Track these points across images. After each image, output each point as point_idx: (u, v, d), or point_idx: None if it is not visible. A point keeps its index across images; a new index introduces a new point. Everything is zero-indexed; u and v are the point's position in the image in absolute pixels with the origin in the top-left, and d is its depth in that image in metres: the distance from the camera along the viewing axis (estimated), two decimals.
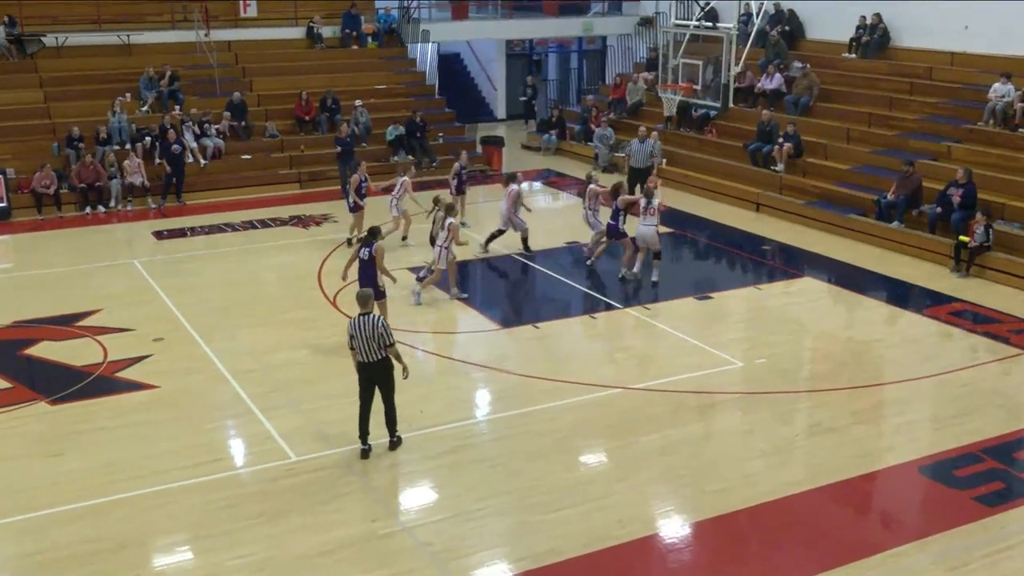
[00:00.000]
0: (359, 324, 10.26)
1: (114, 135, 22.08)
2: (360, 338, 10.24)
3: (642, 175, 20.81)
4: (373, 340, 10.22)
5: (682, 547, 9.22)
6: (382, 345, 10.27)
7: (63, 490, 10.01)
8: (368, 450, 10.64)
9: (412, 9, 28.82)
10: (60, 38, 24.15)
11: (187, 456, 10.68)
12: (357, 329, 10.26)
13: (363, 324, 10.24)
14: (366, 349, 10.27)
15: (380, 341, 10.24)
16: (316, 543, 9.09)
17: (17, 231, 19.87)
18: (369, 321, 10.25)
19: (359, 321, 10.28)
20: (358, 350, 10.32)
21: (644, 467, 10.50)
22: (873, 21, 23.25)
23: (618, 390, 12.33)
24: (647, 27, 30.54)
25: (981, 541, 9.14)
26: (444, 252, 15.30)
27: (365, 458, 10.59)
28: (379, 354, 10.31)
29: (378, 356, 10.32)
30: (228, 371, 12.88)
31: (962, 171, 17.44)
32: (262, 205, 21.57)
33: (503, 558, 8.92)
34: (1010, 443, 11.00)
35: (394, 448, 10.76)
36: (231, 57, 25.72)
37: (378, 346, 10.25)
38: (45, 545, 9.09)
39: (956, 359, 13.35)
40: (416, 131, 24.49)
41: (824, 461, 10.58)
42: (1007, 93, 19.29)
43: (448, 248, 15.28)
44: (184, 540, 9.22)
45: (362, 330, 10.23)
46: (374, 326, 10.22)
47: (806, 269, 17.42)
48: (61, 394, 12.22)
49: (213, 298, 15.74)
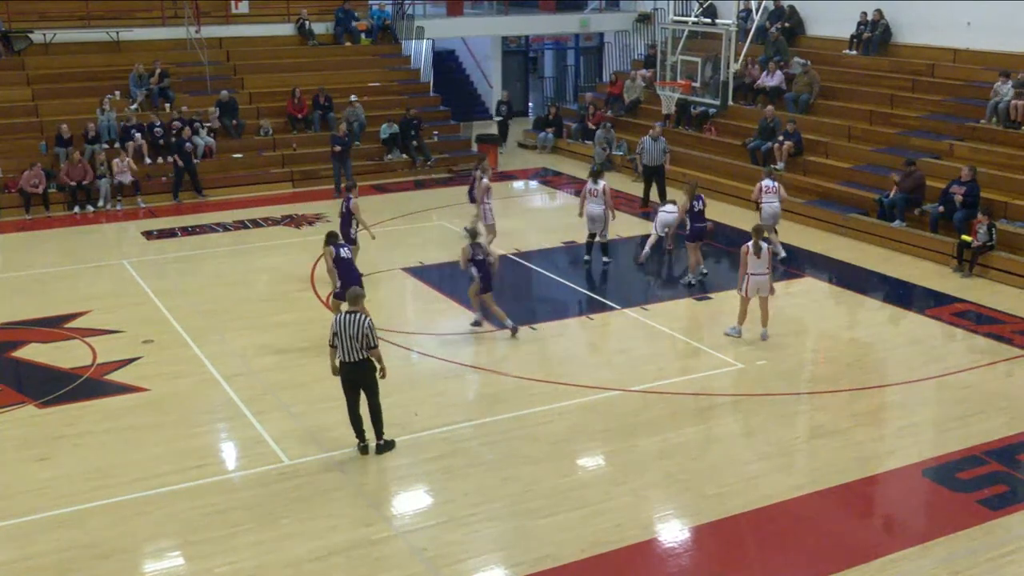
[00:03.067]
0: (344, 322, 10.20)
1: (103, 133, 22.03)
2: (343, 336, 10.17)
3: (655, 173, 21.02)
4: (357, 340, 10.16)
5: (681, 552, 9.18)
6: (365, 346, 10.20)
7: (48, 495, 9.95)
8: (366, 447, 10.65)
9: (406, 5, 28.78)
10: (48, 35, 24.10)
11: (177, 460, 10.63)
12: (341, 327, 10.19)
13: (348, 322, 10.17)
14: (348, 348, 10.20)
15: (364, 342, 10.18)
16: (308, 549, 9.04)
17: (5, 231, 19.80)
18: (356, 320, 10.18)
19: (345, 319, 10.22)
20: (340, 348, 10.25)
21: (642, 471, 10.47)
22: (875, 17, 23.25)
23: (616, 392, 12.30)
24: (645, 23, 30.53)
25: (985, 545, 9.12)
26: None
27: (364, 454, 10.62)
28: (361, 354, 10.25)
29: (360, 356, 10.25)
30: (219, 373, 12.84)
31: (966, 169, 17.43)
32: (254, 204, 21.53)
33: (499, 564, 8.88)
34: (1014, 446, 10.97)
35: (382, 452, 10.69)
36: (222, 54, 25.67)
37: (361, 346, 10.19)
38: (29, 552, 9.03)
39: (959, 360, 13.32)
40: (411, 129, 24.45)
41: (826, 464, 10.55)
42: (1008, 92, 19.28)
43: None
44: (173, 546, 9.16)
45: (346, 328, 10.16)
46: (360, 325, 10.15)
47: (807, 269, 17.40)
48: (49, 397, 12.17)
49: (204, 299, 15.69)
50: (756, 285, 13.61)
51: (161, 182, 22.04)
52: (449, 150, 25.43)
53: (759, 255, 13.46)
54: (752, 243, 13.46)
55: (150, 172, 22.12)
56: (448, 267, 17.17)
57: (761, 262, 13.49)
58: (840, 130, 21.80)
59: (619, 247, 18.67)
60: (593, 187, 16.95)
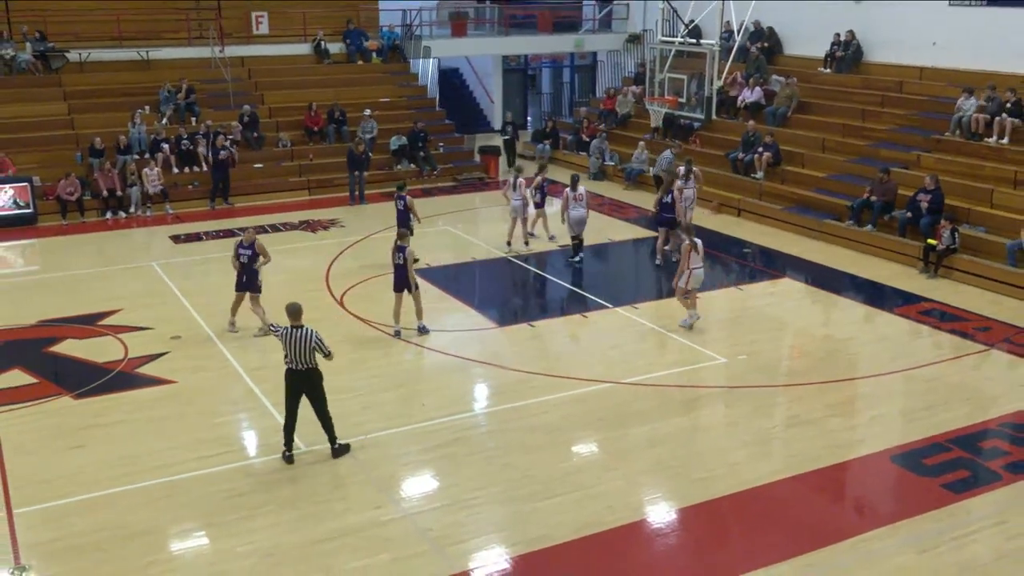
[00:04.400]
0: (290, 336, 9.98)
1: (134, 145, 22.01)
2: (292, 349, 9.96)
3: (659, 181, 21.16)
4: (306, 352, 9.97)
5: (668, 532, 9.16)
6: (312, 356, 10.00)
7: (82, 480, 9.94)
8: (291, 457, 10.24)
9: (414, 27, 28.77)
10: (83, 54, 24.08)
11: (201, 448, 10.61)
12: (288, 340, 9.99)
13: (295, 336, 9.96)
14: (296, 359, 10.00)
15: (312, 354, 9.99)
16: (323, 529, 9.02)
17: (43, 235, 19.78)
18: (304, 334, 9.98)
19: (291, 333, 9.99)
20: (289, 358, 10.03)
21: (633, 457, 10.45)
22: (847, 38, 23.22)
23: (608, 385, 12.27)
24: (635, 43, 30.51)
25: (949, 526, 9.10)
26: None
27: (290, 463, 10.18)
28: (309, 363, 10.04)
29: (307, 365, 10.03)
30: (241, 367, 12.81)
31: (930, 178, 17.41)
32: (273, 211, 21.49)
33: (499, 543, 8.86)
34: (975, 434, 10.96)
35: (338, 455, 10.33)
36: (244, 72, 25.64)
37: (309, 358, 10.01)
38: (65, 532, 9.03)
39: (925, 355, 13.30)
40: (418, 141, 24.43)
41: (801, 451, 10.53)
42: (970, 107, 19.26)
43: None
44: (197, 527, 9.15)
45: (294, 341, 9.95)
46: (308, 339, 9.98)
47: (785, 271, 17.37)
48: (84, 389, 12.15)
49: (227, 298, 15.60)
50: (697, 278, 14.10)
51: (188, 190, 22.03)
52: (454, 160, 25.41)
53: (698, 251, 13.98)
54: (692, 241, 13.99)
55: (177, 181, 22.10)
56: (453, 268, 17.17)
57: (699, 257, 14.01)
58: (815, 142, 21.76)
59: (612, 250, 18.67)
60: (576, 193, 17.05)
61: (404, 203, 16.89)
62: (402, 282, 13.56)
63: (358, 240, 18.62)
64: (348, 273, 16.80)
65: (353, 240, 18.75)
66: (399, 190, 17.23)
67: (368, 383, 12.22)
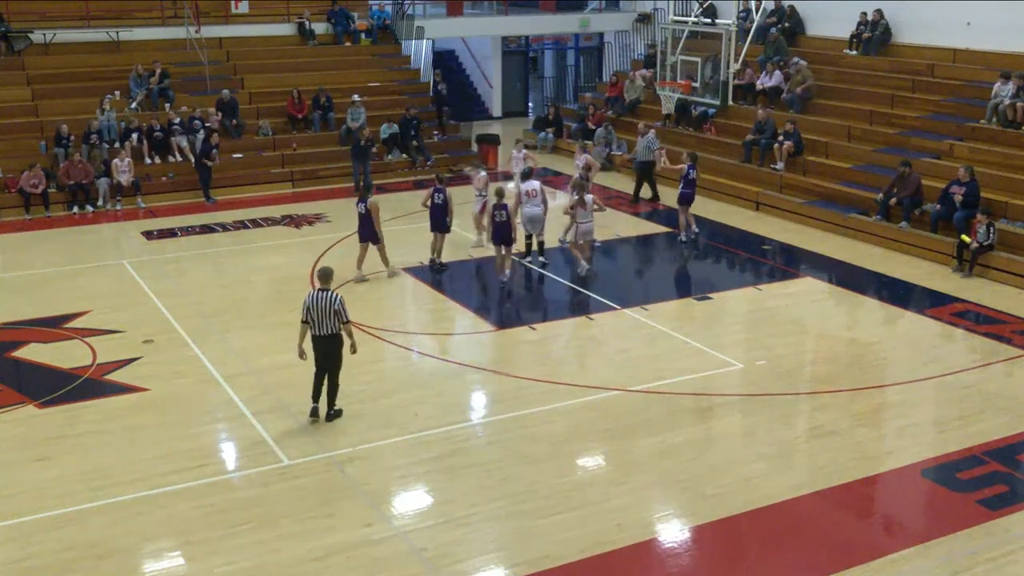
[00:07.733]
0: (316, 298, 10.99)
1: (103, 133, 22.03)
2: (316, 312, 10.99)
3: (645, 168, 21.52)
4: (328, 316, 10.97)
5: (681, 552, 9.19)
6: (337, 321, 11.01)
7: (49, 495, 9.96)
8: (316, 410, 11.38)
9: (406, 5, 28.79)
10: (48, 35, 24.09)
11: (177, 460, 10.63)
12: (314, 302, 10.98)
13: (320, 299, 10.97)
14: (320, 323, 11.01)
15: (336, 318, 10.99)
16: (308, 549, 9.05)
17: (4, 231, 19.79)
18: (327, 297, 10.98)
19: (317, 296, 11.01)
20: (312, 324, 11.05)
21: (642, 471, 10.48)
22: (874, 17, 23.24)
23: (616, 392, 12.30)
24: (645, 23, 30.55)
25: (984, 545, 9.12)
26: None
27: (314, 416, 11.33)
28: (332, 328, 11.04)
29: (330, 330, 11.05)
30: (219, 374, 12.85)
31: (964, 169, 17.43)
32: (254, 204, 21.53)
33: (498, 563, 8.89)
34: (1013, 445, 10.98)
35: (331, 420, 11.36)
36: (222, 54, 25.66)
37: (332, 322, 10.99)
38: (32, 551, 9.04)
39: (958, 361, 13.33)
40: (410, 129, 24.45)
41: (825, 464, 10.56)
42: (1007, 93, 19.28)
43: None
44: (173, 546, 9.17)
45: (318, 304, 10.96)
46: (331, 303, 10.95)
47: (807, 269, 17.40)
48: (49, 397, 12.18)
49: (204, 299, 15.69)
50: (584, 232, 16.17)
51: (161, 182, 22.06)
52: (449, 150, 25.44)
53: (585, 207, 16.04)
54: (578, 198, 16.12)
55: (150, 172, 22.13)
56: (448, 267, 17.17)
57: (587, 213, 16.06)
58: (840, 130, 21.80)
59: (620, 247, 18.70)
60: (529, 188, 16.80)
61: (444, 196, 16.70)
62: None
63: (345, 237, 18.63)
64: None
65: (340, 237, 18.77)
66: (439, 182, 16.98)
67: (357, 390, 12.23)
